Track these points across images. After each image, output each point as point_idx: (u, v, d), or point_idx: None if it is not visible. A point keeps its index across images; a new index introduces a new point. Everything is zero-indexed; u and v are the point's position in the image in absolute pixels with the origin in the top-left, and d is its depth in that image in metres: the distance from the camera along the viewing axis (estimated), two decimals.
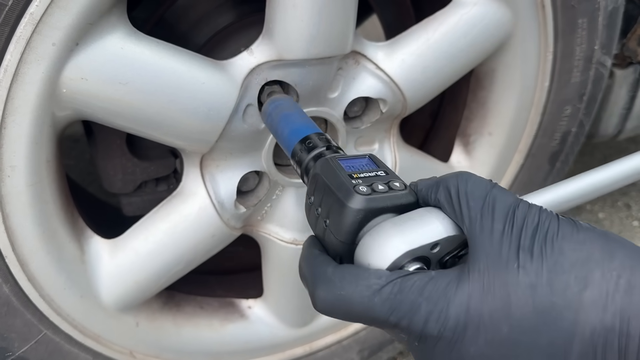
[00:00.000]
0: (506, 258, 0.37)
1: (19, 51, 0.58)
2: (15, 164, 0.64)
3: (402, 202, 0.46)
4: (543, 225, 0.38)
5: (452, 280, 0.38)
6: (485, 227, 0.39)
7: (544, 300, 0.36)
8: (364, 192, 0.45)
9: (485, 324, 0.37)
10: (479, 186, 0.42)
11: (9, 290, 0.71)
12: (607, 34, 0.89)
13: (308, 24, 0.67)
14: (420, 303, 0.38)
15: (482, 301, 0.37)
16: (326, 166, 0.50)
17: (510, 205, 0.40)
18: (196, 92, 0.68)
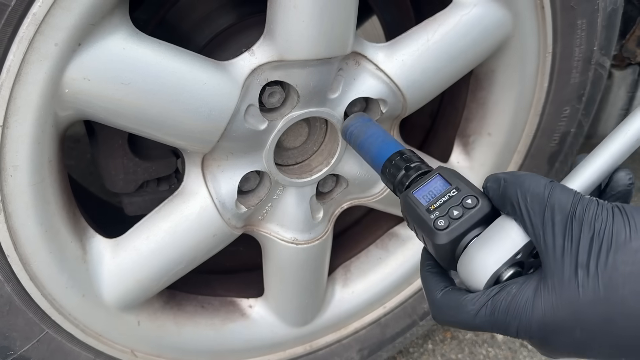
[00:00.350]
0: (568, 276, 0.44)
1: (22, 51, 0.58)
2: (18, 164, 0.65)
3: (479, 217, 0.52)
4: (599, 235, 0.44)
5: (529, 298, 0.46)
6: (548, 245, 0.46)
7: (604, 313, 0.43)
8: (442, 227, 0.53)
9: (561, 331, 0.45)
10: (537, 197, 0.48)
11: (11, 289, 0.71)
12: (606, 35, 0.89)
13: (309, 25, 0.68)
14: (509, 321, 0.47)
15: (554, 315, 0.45)
16: (406, 204, 0.58)
17: (567, 214, 0.46)
18: (198, 93, 0.68)
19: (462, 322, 0.50)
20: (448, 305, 0.51)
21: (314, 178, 0.85)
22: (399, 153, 0.66)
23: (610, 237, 0.43)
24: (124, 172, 0.83)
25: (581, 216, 0.45)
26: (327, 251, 0.95)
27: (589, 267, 0.43)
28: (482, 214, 0.52)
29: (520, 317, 0.46)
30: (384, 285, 1.07)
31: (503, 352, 1.29)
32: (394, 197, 0.93)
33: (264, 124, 0.75)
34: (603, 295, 0.43)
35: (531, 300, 0.46)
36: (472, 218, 0.52)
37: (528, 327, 0.46)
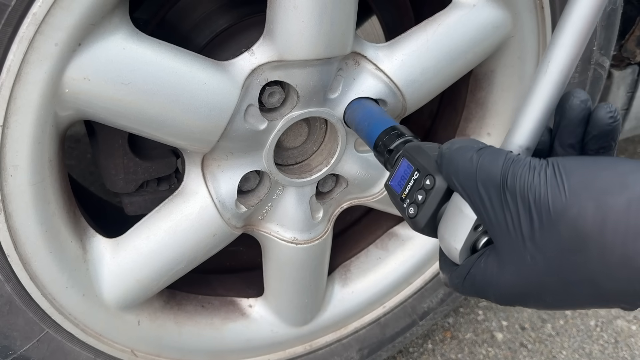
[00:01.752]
0: (519, 251, 0.44)
1: (22, 51, 0.59)
2: (18, 164, 0.65)
3: (440, 197, 0.54)
4: (536, 205, 0.43)
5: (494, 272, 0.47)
6: (492, 221, 0.46)
7: (564, 280, 0.43)
8: (413, 215, 0.56)
9: (531, 298, 0.46)
10: (467, 174, 0.48)
11: (11, 289, 0.71)
12: (605, 35, 0.90)
13: (309, 25, 0.68)
14: (486, 293, 0.49)
15: (521, 286, 0.46)
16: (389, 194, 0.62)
17: (499, 186, 0.45)
18: (197, 93, 0.68)
19: (456, 290, 0.53)
20: (445, 272, 0.55)
21: (313, 178, 0.85)
22: (388, 130, 0.68)
23: (548, 205, 0.42)
24: (124, 172, 0.83)
25: (513, 186, 0.44)
26: (326, 251, 0.95)
27: (534, 239, 0.43)
28: (441, 193, 0.54)
29: (493, 289, 0.48)
30: (384, 285, 1.07)
31: (503, 352, 1.29)
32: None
33: (264, 124, 0.75)
34: (556, 264, 0.42)
35: (497, 275, 0.47)
36: (433, 199, 0.54)
37: (502, 298, 0.48)
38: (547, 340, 1.32)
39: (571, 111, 0.48)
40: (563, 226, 0.41)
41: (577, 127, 0.49)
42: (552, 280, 0.43)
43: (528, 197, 0.43)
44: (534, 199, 0.42)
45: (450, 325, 1.35)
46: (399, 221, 1.09)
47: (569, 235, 0.41)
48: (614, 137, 0.48)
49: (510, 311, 1.38)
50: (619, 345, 1.31)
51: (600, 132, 0.48)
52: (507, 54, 0.88)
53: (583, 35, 0.48)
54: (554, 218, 0.41)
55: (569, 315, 1.37)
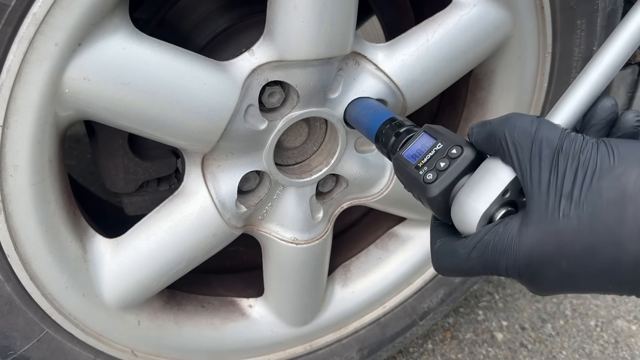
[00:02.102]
0: (552, 209, 0.45)
1: (22, 51, 0.59)
2: (18, 164, 0.65)
3: (466, 164, 0.53)
4: (583, 165, 0.45)
5: (515, 235, 0.47)
6: (534, 179, 0.46)
7: (589, 241, 0.43)
8: (431, 180, 0.54)
9: (548, 264, 0.46)
10: (525, 133, 0.48)
11: (11, 289, 0.71)
12: (605, 35, 0.89)
13: (309, 25, 0.68)
14: (498, 260, 0.48)
15: (541, 249, 0.45)
16: (397, 167, 0.61)
17: (554, 148, 0.46)
18: (197, 93, 0.68)
19: (456, 266, 0.51)
20: (444, 252, 0.53)
21: (313, 178, 0.85)
22: (389, 120, 0.69)
23: (595, 165, 0.44)
24: (124, 172, 0.83)
25: (568, 150, 0.46)
26: (327, 251, 0.95)
27: (572, 196, 0.44)
28: (468, 161, 0.53)
29: (507, 254, 0.47)
30: (384, 285, 1.07)
31: (503, 352, 1.29)
32: (393, 197, 0.93)
33: (264, 124, 0.75)
34: (587, 223, 0.43)
35: (517, 237, 0.47)
36: (458, 166, 0.53)
37: (516, 264, 0.47)
38: (547, 340, 1.32)
39: (602, 112, 0.51)
40: (605, 184, 0.43)
41: (603, 127, 0.51)
42: (578, 241, 0.44)
43: (580, 158, 0.45)
44: (585, 160, 0.45)
45: (451, 325, 1.35)
46: (399, 221, 1.09)
47: (609, 195, 0.43)
48: None
49: (511, 311, 1.38)
50: (619, 345, 1.31)
51: (625, 133, 0.50)
52: (508, 54, 0.88)
53: (637, 38, 0.51)
54: (598, 176, 0.44)
55: (569, 315, 1.37)
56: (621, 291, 0.45)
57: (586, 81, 0.51)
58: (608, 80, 0.51)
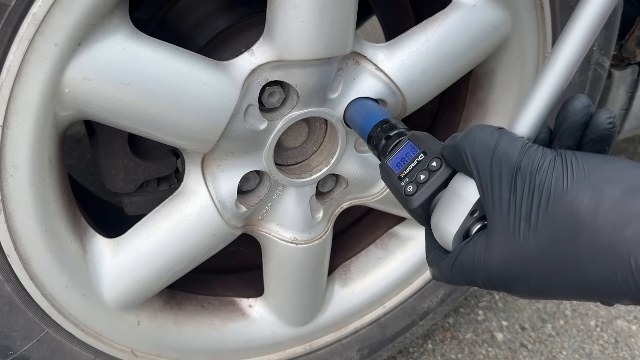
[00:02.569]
0: (513, 231, 0.46)
1: (22, 51, 0.59)
2: (18, 164, 0.65)
3: (444, 179, 0.55)
4: (539, 188, 0.45)
5: (482, 254, 0.48)
6: (495, 199, 0.47)
7: (550, 264, 0.44)
8: (411, 193, 0.56)
9: (517, 281, 0.47)
10: (484, 148, 0.48)
11: (11, 289, 0.71)
12: (605, 34, 0.90)
13: (309, 25, 0.68)
14: (474, 277, 0.50)
15: (509, 267, 0.47)
16: (383, 174, 0.63)
17: (513, 166, 0.46)
18: (197, 93, 0.68)
19: (444, 279, 0.54)
20: (433, 264, 0.56)
21: (313, 178, 0.85)
22: (382, 122, 0.70)
23: (550, 188, 0.44)
24: (124, 172, 0.83)
25: (526, 168, 0.45)
26: (326, 251, 0.95)
27: (530, 220, 0.45)
28: (446, 175, 0.55)
29: (479, 272, 0.49)
30: (384, 285, 1.07)
31: (503, 352, 1.29)
32: (393, 197, 0.93)
33: (264, 123, 0.75)
34: (546, 247, 0.44)
35: (485, 256, 0.48)
36: (436, 180, 0.55)
37: (489, 280, 0.49)
38: (547, 340, 1.32)
39: (574, 115, 0.50)
40: (560, 209, 0.43)
41: (577, 130, 0.50)
42: (540, 262, 0.44)
43: (535, 179, 0.45)
44: (540, 182, 0.44)
45: (451, 325, 1.35)
46: (399, 221, 1.09)
47: (564, 219, 0.43)
48: (609, 142, 0.50)
49: (511, 311, 1.38)
50: (619, 345, 1.31)
51: (598, 136, 0.49)
52: (507, 54, 0.88)
53: (590, 35, 0.50)
54: (552, 201, 0.44)
55: (569, 315, 1.37)
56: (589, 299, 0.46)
57: (545, 84, 0.51)
58: (568, 79, 0.51)
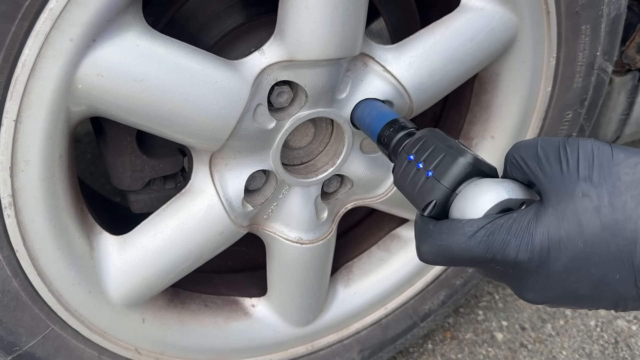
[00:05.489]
0: (571, 190, 0.45)
1: (37, 46, 0.59)
2: (29, 159, 0.65)
3: (492, 172, 0.55)
4: (598, 154, 0.46)
5: (532, 218, 0.47)
6: (547, 174, 0.47)
7: (607, 218, 0.44)
8: (471, 154, 0.55)
9: (564, 244, 0.45)
10: (528, 146, 0.50)
11: (18, 284, 0.71)
12: (609, 40, 0.91)
13: (320, 26, 0.68)
14: (509, 240, 0.47)
15: (558, 228, 0.45)
16: (435, 132, 0.61)
17: (558, 145, 0.48)
18: (209, 91, 0.69)
19: (454, 245, 0.49)
20: (440, 230, 0.51)
21: (319, 178, 0.85)
22: (392, 122, 0.70)
23: (610, 155, 0.46)
24: (131, 170, 0.83)
25: (574, 142, 0.47)
26: (330, 251, 0.95)
27: (592, 179, 0.45)
28: (495, 173, 0.55)
29: (521, 235, 0.46)
30: (386, 286, 1.07)
31: (503, 352, 1.30)
32: (398, 198, 0.94)
33: (272, 123, 0.76)
34: (607, 200, 0.44)
35: (534, 219, 0.46)
36: (490, 168, 0.55)
37: (529, 245, 0.46)
38: (547, 340, 1.33)
39: None
40: (623, 169, 0.45)
41: None
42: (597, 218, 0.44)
43: (592, 150, 0.46)
44: (597, 151, 0.46)
45: (451, 325, 1.35)
46: (401, 223, 1.10)
47: (628, 177, 0.44)
48: None
49: (511, 311, 1.39)
50: (619, 345, 1.32)
51: None
52: (513, 58, 0.89)
53: None
54: (615, 163, 0.45)
55: (569, 316, 1.38)
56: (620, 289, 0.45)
57: None
58: None
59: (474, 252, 0.48)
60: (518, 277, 0.49)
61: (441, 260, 0.52)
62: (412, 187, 0.58)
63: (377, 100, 0.80)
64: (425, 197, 0.56)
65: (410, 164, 0.60)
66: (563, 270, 0.46)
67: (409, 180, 0.59)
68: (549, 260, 0.46)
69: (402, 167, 0.62)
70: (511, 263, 0.47)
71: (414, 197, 0.59)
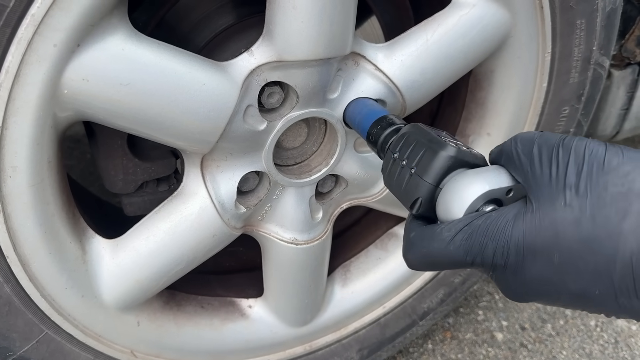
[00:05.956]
0: (554, 197, 0.44)
1: (20, 52, 0.58)
2: (17, 165, 0.65)
3: (478, 161, 0.54)
4: (589, 160, 0.44)
5: (509, 220, 0.45)
6: (536, 176, 0.46)
7: (587, 232, 0.42)
8: (453, 145, 0.54)
9: (539, 253, 0.44)
10: (527, 140, 0.48)
11: (10, 290, 0.71)
12: (605, 34, 0.89)
13: (308, 25, 0.68)
14: (486, 243, 0.46)
15: (535, 235, 0.44)
16: (417, 127, 0.61)
17: (553, 145, 0.46)
18: (197, 93, 0.68)
19: (432, 252, 0.49)
20: (421, 237, 0.51)
21: (313, 178, 0.85)
22: (380, 119, 0.70)
23: (602, 161, 0.43)
24: (123, 173, 0.83)
25: (569, 144, 0.45)
26: (326, 251, 0.95)
27: (577, 187, 0.43)
28: (482, 162, 0.54)
29: (498, 237, 0.45)
30: (384, 285, 1.07)
31: (503, 352, 1.29)
32: (392, 197, 0.93)
33: (263, 124, 0.75)
34: (589, 213, 0.42)
35: (511, 222, 0.45)
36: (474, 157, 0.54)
37: (505, 249, 0.45)
38: (547, 340, 1.32)
39: None
40: (612, 179, 0.42)
41: None
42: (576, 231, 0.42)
43: (585, 153, 0.44)
44: (590, 155, 0.44)
45: (450, 325, 1.35)
46: (398, 221, 1.09)
47: (615, 189, 0.42)
48: None
49: (511, 311, 1.38)
50: (619, 345, 1.31)
51: None
52: (507, 54, 0.88)
53: None
54: (605, 171, 0.43)
55: (569, 315, 1.37)
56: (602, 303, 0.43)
57: None
58: None
59: (454, 256, 0.48)
60: (499, 279, 0.47)
61: (426, 267, 0.51)
62: (399, 185, 0.58)
63: (368, 99, 0.79)
64: (411, 195, 0.55)
65: (395, 162, 0.59)
66: (539, 278, 0.44)
67: (395, 179, 0.58)
68: (524, 267, 0.45)
69: (388, 166, 0.61)
70: (489, 266, 0.46)
71: (401, 196, 0.58)
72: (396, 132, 0.65)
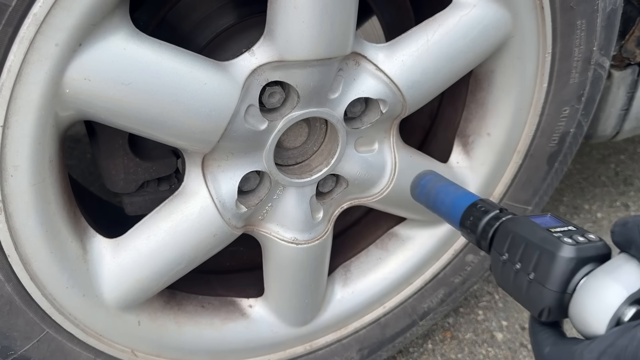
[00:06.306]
0: None
1: (22, 52, 0.59)
2: (19, 164, 0.65)
3: (603, 252, 0.49)
4: None
5: None
6: None
7: None
8: (570, 243, 0.49)
9: None
10: None
11: (11, 289, 0.71)
12: (605, 35, 0.90)
13: (309, 25, 0.68)
14: None
15: None
16: (520, 222, 0.55)
17: None
18: (198, 93, 0.68)
19: None
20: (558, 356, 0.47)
21: (314, 178, 0.85)
22: (473, 205, 0.64)
23: None
24: (124, 172, 0.83)
25: None
26: (327, 251, 0.95)
27: None
28: (607, 251, 0.49)
29: None
30: (384, 285, 1.07)
31: (503, 352, 1.29)
32: (393, 197, 0.93)
33: (264, 124, 0.75)
34: None
35: None
36: (597, 249, 0.49)
37: None
38: None
39: None
40: None
41: None
42: None
43: None
44: None
45: (450, 325, 1.35)
46: (399, 221, 1.09)
47: None
48: None
49: (511, 311, 1.38)
50: None
51: None
52: (507, 54, 0.88)
53: None
54: None
55: None
56: None
57: None
58: None
59: None
60: None
61: None
62: (518, 290, 0.54)
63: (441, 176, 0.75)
64: (536, 304, 0.51)
65: (506, 265, 0.55)
66: None
67: (512, 283, 0.54)
68: None
69: (498, 267, 0.56)
70: None
71: (522, 301, 0.54)
72: (495, 221, 0.60)
